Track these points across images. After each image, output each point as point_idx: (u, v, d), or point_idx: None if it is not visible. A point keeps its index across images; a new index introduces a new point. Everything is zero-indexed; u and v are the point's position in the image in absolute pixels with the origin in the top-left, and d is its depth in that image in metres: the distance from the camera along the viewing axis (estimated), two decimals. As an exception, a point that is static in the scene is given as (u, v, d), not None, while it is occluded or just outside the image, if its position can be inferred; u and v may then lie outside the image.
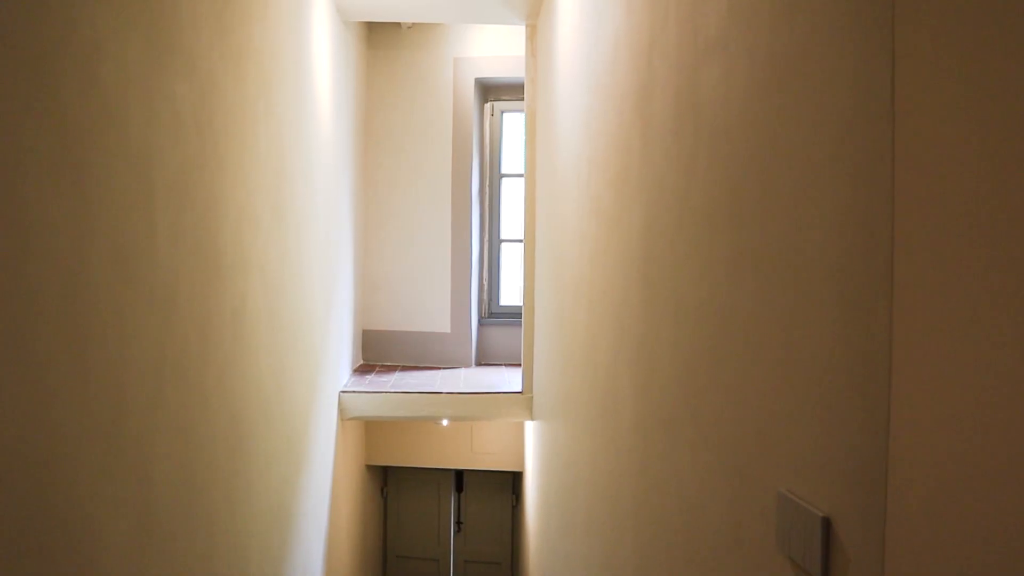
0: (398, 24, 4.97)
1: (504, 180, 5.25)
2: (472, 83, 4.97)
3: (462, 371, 4.83)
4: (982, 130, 0.73)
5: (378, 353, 5.09)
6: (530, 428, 4.54)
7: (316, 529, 3.38)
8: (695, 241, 1.33)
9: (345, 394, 4.12)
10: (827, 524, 0.85)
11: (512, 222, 5.22)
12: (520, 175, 4.93)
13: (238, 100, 2.11)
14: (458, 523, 5.68)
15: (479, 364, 5.09)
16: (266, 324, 2.46)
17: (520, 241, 4.56)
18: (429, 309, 5.04)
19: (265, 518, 2.48)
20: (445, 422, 4.83)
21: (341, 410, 4.09)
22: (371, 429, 5.24)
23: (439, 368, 4.91)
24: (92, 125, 1.31)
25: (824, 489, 0.87)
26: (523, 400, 4.13)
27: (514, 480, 5.60)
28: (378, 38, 5.04)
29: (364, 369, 4.85)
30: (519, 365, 4.33)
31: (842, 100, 0.83)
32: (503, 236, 5.25)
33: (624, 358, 1.86)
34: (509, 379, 4.53)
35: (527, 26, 4.09)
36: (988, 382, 0.73)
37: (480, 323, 5.19)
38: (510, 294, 5.24)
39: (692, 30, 1.35)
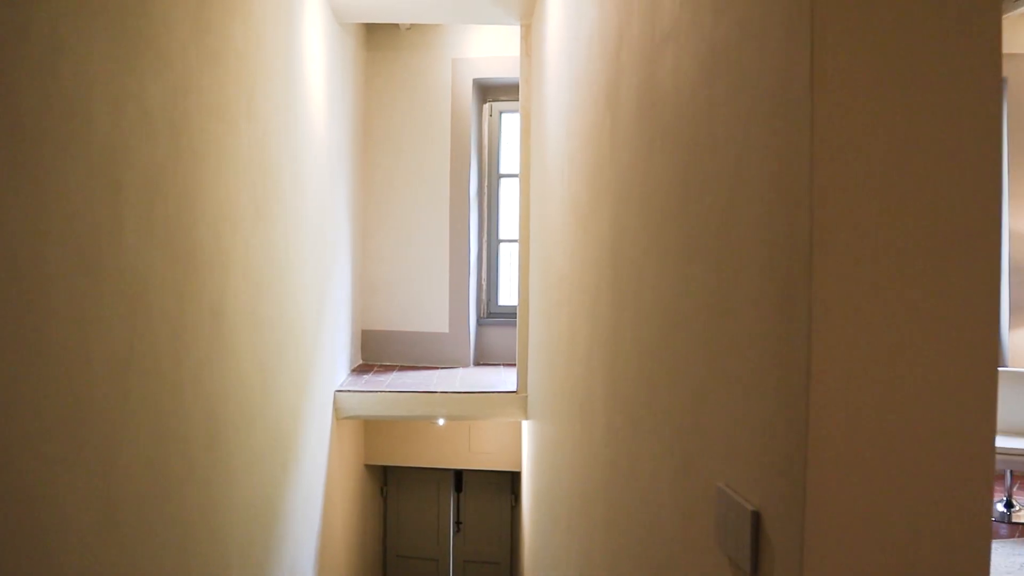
0: (396, 25, 4.98)
1: (503, 180, 5.25)
2: (470, 84, 4.97)
3: (459, 371, 4.83)
4: (892, 121, 0.72)
5: (377, 353, 5.10)
6: (526, 428, 4.53)
7: (307, 528, 3.39)
8: (654, 237, 1.32)
9: (340, 393, 4.13)
10: (756, 518, 0.84)
11: (511, 222, 5.21)
12: (518, 175, 4.93)
13: (217, 99, 2.12)
14: (457, 523, 5.68)
15: (478, 364, 5.09)
16: (249, 322, 2.47)
17: (518, 241, 4.54)
18: (427, 309, 5.05)
19: (248, 515, 2.49)
20: (441, 421, 4.82)
21: (336, 409, 4.10)
22: (370, 429, 5.25)
23: (437, 368, 4.91)
24: (51, 122, 1.32)
25: (756, 483, 0.86)
26: (517, 400, 4.13)
27: (513, 480, 5.59)
28: (376, 40, 5.06)
29: (362, 369, 4.86)
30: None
31: (767, 90, 0.82)
32: (502, 236, 5.25)
33: (597, 356, 1.85)
34: (506, 379, 4.53)
35: (522, 26, 4.09)
36: (897, 381, 0.72)
37: (479, 323, 5.19)
38: (509, 294, 5.24)
39: (652, 21, 1.34)
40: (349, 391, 4.15)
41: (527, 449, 4.38)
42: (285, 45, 2.93)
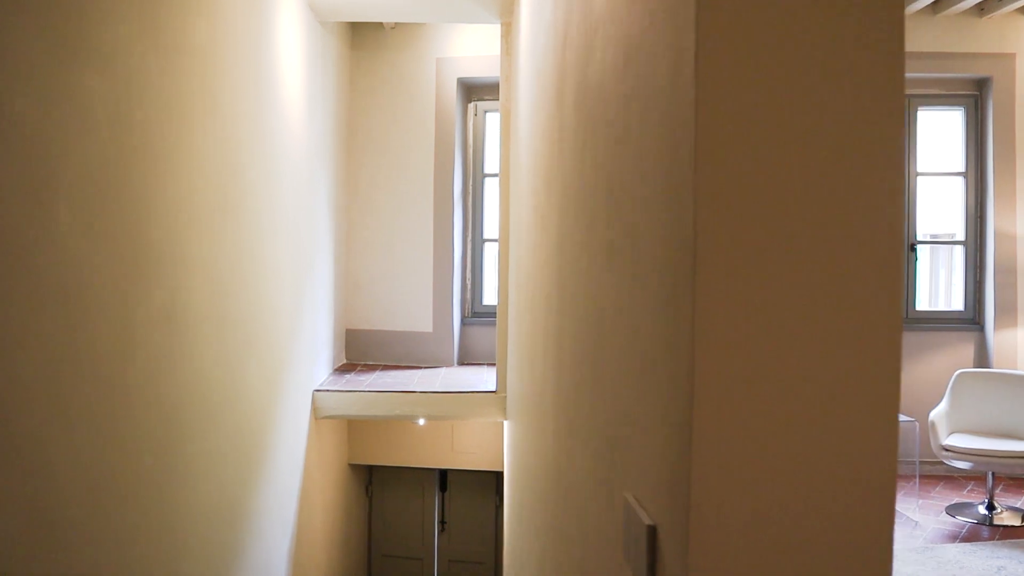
0: (381, 25, 4.94)
1: (487, 180, 5.22)
2: (454, 83, 4.94)
3: (442, 370, 4.80)
4: (780, 120, 0.69)
5: (362, 352, 5.07)
6: (506, 428, 4.50)
7: (279, 527, 3.36)
8: (586, 238, 1.28)
9: (320, 393, 4.10)
10: (653, 532, 0.81)
11: (495, 222, 5.18)
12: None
13: (172, 96, 2.09)
14: (442, 523, 5.66)
15: (461, 363, 5.06)
16: (212, 321, 2.44)
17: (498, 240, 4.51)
18: (411, 309, 5.02)
19: (210, 516, 2.46)
20: (421, 421, 4.80)
21: (315, 408, 4.07)
22: (354, 428, 5.23)
23: (420, 368, 4.88)
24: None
25: (655, 497, 0.82)
26: (497, 400, 4.10)
27: (497, 480, 5.57)
28: (361, 39, 5.02)
29: (345, 368, 4.83)
30: (498, 365, 4.29)
31: (663, 85, 0.79)
32: (486, 236, 5.21)
33: (550, 358, 1.82)
34: (487, 379, 4.50)
35: (502, 24, 4.06)
36: (785, 392, 0.69)
37: (463, 323, 5.16)
38: (493, 294, 5.21)
39: (587, 15, 1.31)
40: (328, 390, 4.13)
41: (507, 449, 4.36)
42: (255, 43, 2.90)
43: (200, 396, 2.35)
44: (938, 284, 6.38)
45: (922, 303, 6.95)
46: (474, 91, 5.16)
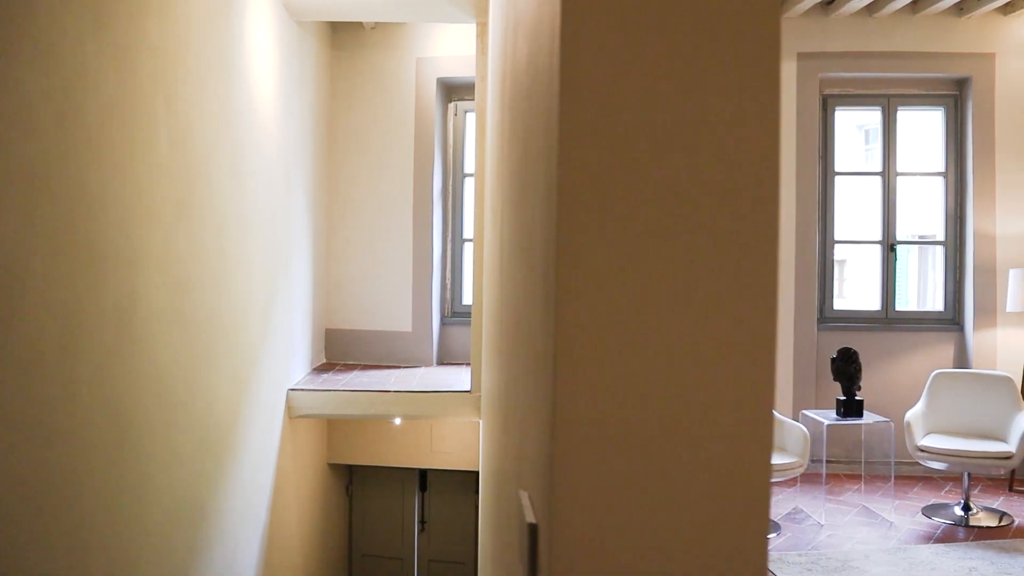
0: (361, 25, 4.93)
1: (467, 180, 5.21)
2: (434, 83, 4.93)
3: (420, 370, 4.80)
4: (641, 113, 0.68)
5: (341, 352, 5.06)
6: (481, 427, 4.50)
7: (249, 527, 3.35)
8: (516, 236, 1.28)
9: (294, 392, 4.09)
10: (534, 531, 0.80)
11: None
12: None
13: (124, 94, 2.08)
14: (422, 522, 5.65)
15: (441, 363, 5.05)
16: (171, 320, 2.43)
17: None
18: (391, 308, 5.01)
19: (168, 516, 2.44)
20: (397, 420, 4.79)
21: (290, 408, 4.06)
22: (333, 428, 5.22)
23: (399, 367, 4.88)
24: None
25: (540, 495, 0.82)
26: (471, 399, 4.09)
27: (476, 480, 5.56)
28: (341, 39, 5.01)
29: (324, 368, 4.82)
30: (476, 365, 4.28)
31: (542, 72, 0.78)
32: (466, 235, 5.20)
33: (498, 355, 1.82)
34: (465, 379, 4.49)
35: (477, 24, 4.05)
36: (646, 388, 0.68)
37: (442, 322, 5.15)
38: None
39: (517, 10, 1.30)
40: (303, 390, 4.12)
41: (481, 449, 4.35)
42: (221, 42, 2.89)
43: (157, 395, 2.34)
44: (926, 284, 6.36)
45: (910, 303, 6.93)
46: (454, 91, 5.15)
